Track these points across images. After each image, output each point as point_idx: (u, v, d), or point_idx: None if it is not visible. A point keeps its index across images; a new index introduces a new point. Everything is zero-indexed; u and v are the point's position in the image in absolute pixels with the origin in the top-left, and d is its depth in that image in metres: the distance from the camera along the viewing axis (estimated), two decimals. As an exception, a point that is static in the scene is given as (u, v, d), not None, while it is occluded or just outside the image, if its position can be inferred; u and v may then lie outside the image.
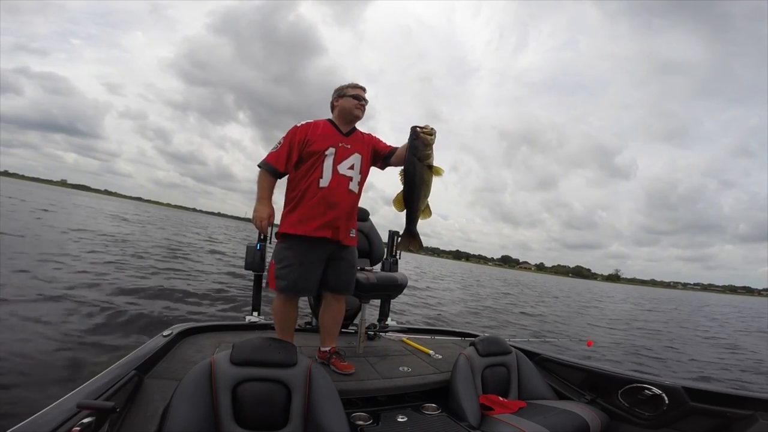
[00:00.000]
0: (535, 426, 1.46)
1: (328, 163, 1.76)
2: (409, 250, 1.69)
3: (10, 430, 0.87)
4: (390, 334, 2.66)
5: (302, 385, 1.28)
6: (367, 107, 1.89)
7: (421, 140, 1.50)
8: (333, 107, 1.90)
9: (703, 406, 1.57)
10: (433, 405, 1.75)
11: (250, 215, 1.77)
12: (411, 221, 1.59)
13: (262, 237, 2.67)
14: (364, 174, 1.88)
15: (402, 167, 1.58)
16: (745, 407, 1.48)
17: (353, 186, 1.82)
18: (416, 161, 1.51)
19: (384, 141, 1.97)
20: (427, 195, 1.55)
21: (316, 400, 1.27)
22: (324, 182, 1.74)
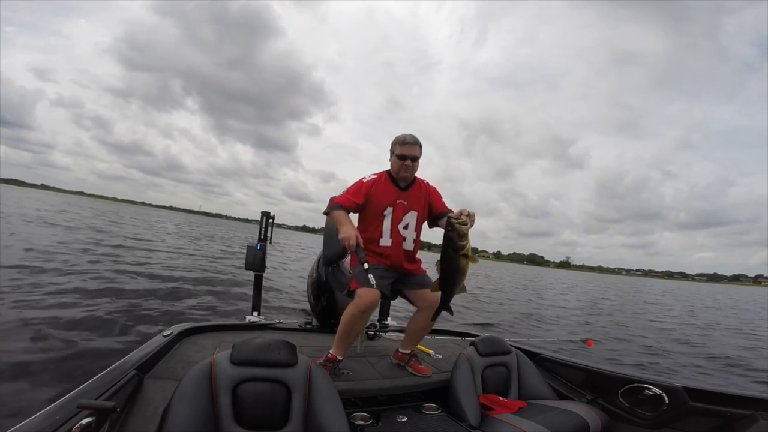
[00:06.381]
0: (535, 426, 1.46)
1: (387, 224, 1.85)
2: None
3: (10, 430, 0.87)
4: (390, 334, 2.65)
5: (302, 385, 1.28)
6: (330, 95, 1.92)
7: (456, 231, 1.51)
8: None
9: (703, 406, 1.57)
10: (433, 405, 1.75)
11: (204, 208, 1.71)
12: (446, 302, 1.64)
13: (262, 237, 2.67)
14: (418, 232, 1.92)
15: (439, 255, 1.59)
16: (745, 407, 1.48)
17: (407, 245, 1.89)
18: (452, 252, 1.52)
19: (440, 197, 1.97)
20: (462, 280, 1.58)
21: (316, 400, 1.27)
22: (384, 241, 1.85)
